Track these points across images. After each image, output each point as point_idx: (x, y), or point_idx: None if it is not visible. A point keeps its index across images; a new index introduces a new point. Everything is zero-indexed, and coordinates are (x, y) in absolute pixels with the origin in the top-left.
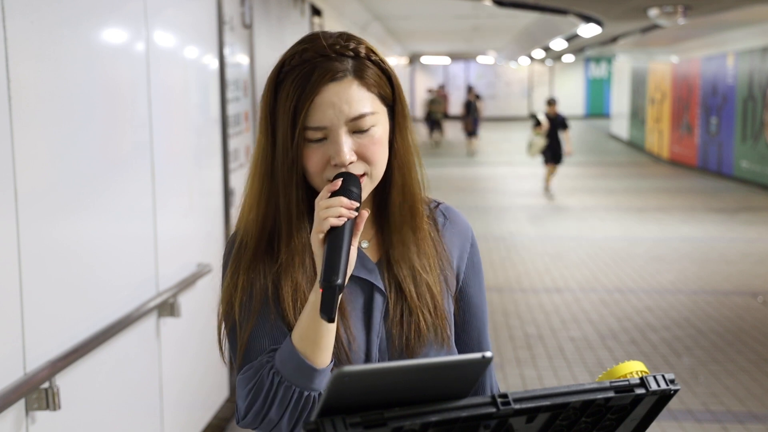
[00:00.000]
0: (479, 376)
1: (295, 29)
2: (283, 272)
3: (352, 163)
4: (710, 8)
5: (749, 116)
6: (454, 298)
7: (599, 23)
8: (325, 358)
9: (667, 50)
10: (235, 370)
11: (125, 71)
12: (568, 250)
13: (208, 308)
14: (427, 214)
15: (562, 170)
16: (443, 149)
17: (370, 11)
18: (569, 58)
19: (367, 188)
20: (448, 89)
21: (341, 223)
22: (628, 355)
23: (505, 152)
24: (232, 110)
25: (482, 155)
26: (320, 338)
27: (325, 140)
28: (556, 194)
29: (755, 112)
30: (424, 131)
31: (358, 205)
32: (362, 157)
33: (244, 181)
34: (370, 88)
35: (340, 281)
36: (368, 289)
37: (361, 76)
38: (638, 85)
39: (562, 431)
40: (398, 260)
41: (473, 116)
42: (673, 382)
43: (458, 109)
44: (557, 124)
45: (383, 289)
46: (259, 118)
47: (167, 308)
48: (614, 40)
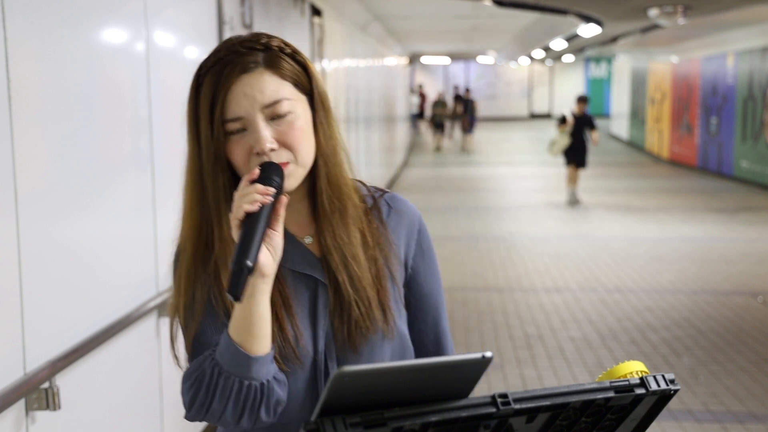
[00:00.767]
0: (479, 376)
1: (295, 29)
2: (220, 269)
3: (273, 150)
4: (710, 8)
5: (749, 116)
6: (403, 286)
7: (599, 23)
8: (260, 346)
9: (667, 50)
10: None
11: (125, 71)
12: (568, 250)
13: None
14: (370, 204)
15: (562, 171)
16: (442, 150)
17: (370, 11)
18: (569, 58)
19: (295, 175)
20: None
21: (255, 208)
22: (628, 355)
23: (505, 152)
24: None
25: (482, 155)
26: (252, 327)
27: (245, 131)
28: (581, 199)
29: (755, 112)
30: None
31: (274, 190)
32: (284, 143)
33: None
34: (283, 76)
35: (249, 263)
36: (312, 284)
37: (272, 65)
38: (638, 85)
39: (562, 431)
40: (330, 250)
41: (470, 114)
42: (673, 382)
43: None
44: (583, 123)
45: (326, 282)
46: (186, 126)
47: (167, 308)
48: (614, 40)
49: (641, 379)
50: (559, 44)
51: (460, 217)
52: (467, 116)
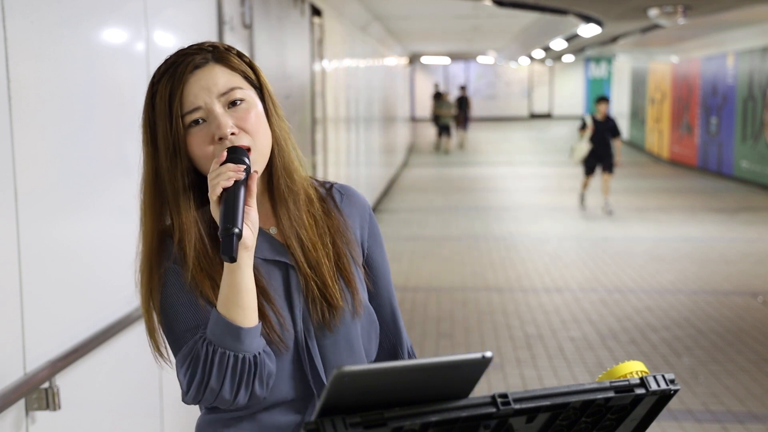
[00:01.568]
0: (479, 376)
1: (295, 29)
2: (186, 257)
3: (234, 134)
4: (710, 8)
5: (749, 116)
6: (361, 266)
7: (599, 23)
8: (250, 318)
9: (667, 50)
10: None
11: (125, 71)
12: (568, 250)
13: None
14: (323, 194)
15: (562, 170)
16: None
17: (370, 11)
18: (569, 58)
19: (256, 162)
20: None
21: (230, 184)
22: (628, 355)
23: (505, 152)
24: None
25: (482, 155)
26: (240, 299)
27: (204, 122)
28: (608, 206)
29: (755, 112)
30: (433, 133)
31: (245, 167)
32: (243, 128)
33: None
34: (233, 69)
35: (237, 229)
36: (283, 269)
37: (221, 60)
38: (638, 85)
39: (562, 431)
40: (288, 233)
41: (465, 112)
42: (673, 382)
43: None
44: (605, 129)
45: (295, 266)
46: (142, 137)
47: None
48: (614, 40)
49: (641, 379)
50: (559, 44)
51: (460, 217)
52: (462, 113)
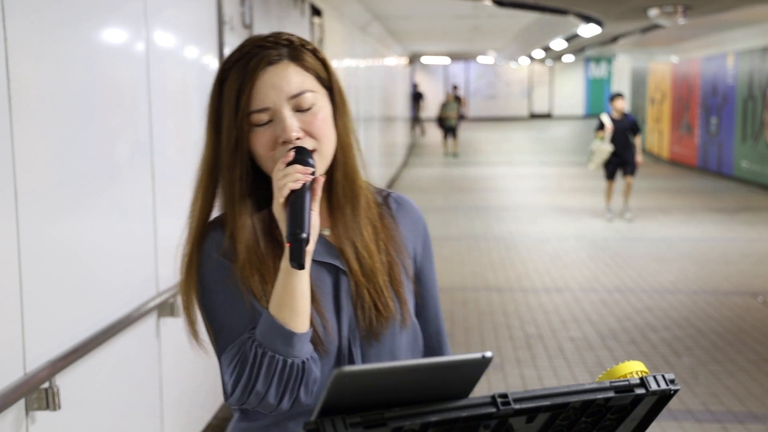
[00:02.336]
0: (479, 376)
1: (295, 29)
2: (239, 254)
3: (299, 139)
4: (710, 8)
5: (749, 116)
6: (412, 279)
7: (599, 23)
8: (302, 323)
9: (667, 50)
10: (215, 353)
11: (125, 71)
12: (568, 250)
13: None
14: (380, 201)
15: (562, 170)
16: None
17: (370, 11)
18: (569, 58)
19: (319, 166)
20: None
21: (299, 186)
22: (628, 355)
23: (505, 152)
24: None
25: (482, 155)
26: (296, 303)
27: (271, 122)
28: (628, 213)
29: (755, 112)
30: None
31: (313, 169)
32: (309, 133)
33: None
34: (306, 69)
35: (305, 234)
36: (334, 273)
37: (296, 58)
38: (638, 85)
39: (562, 431)
40: (342, 240)
41: (444, 107)
42: (673, 382)
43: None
44: (624, 127)
45: (346, 271)
46: (206, 120)
47: (167, 308)
48: (614, 40)
49: (641, 379)
50: (559, 44)
51: (460, 217)
52: (442, 108)
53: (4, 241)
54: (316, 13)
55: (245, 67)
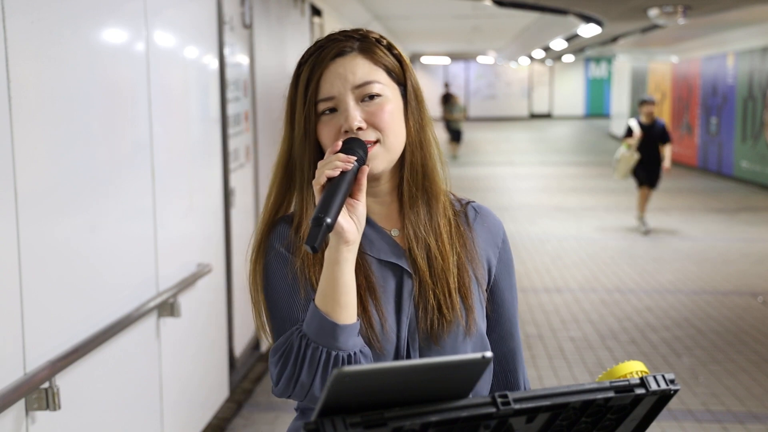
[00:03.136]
0: (479, 376)
1: (295, 29)
2: (300, 242)
3: (361, 129)
4: (710, 8)
5: (749, 116)
6: (486, 291)
7: (599, 23)
8: (347, 315)
9: (667, 50)
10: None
11: (125, 71)
12: (568, 250)
13: (208, 308)
14: (458, 208)
15: (562, 170)
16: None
17: (370, 11)
18: (569, 58)
19: (381, 158)
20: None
21: (336, 173)
22: (628, 355)
23: (505, 152)
24: (232, 110)
25: (482, 155)
26: (338, 295)
27: (336, 111)
28: (648, 226)
29: (755, 112)
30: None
31: (355, 158)
32: (372, 124)
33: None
34: (376, 62)
35: (329, 220)
36: (398, 273)
37: (366, 51)
38: (638, 85)
39: (562, 431)
40: (412, 238)
41: (450, 109)
42: (673, 382)
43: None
44: (654, 134)
45: (411, 272)
46: (284, 114)
47: (167, 308)
48: (614, 40)
49: (641, 379)
50: (559, 44)
51: None
52: (447, 110)
53: (4, 241)
54: (316, 13)
55: (317, 58)
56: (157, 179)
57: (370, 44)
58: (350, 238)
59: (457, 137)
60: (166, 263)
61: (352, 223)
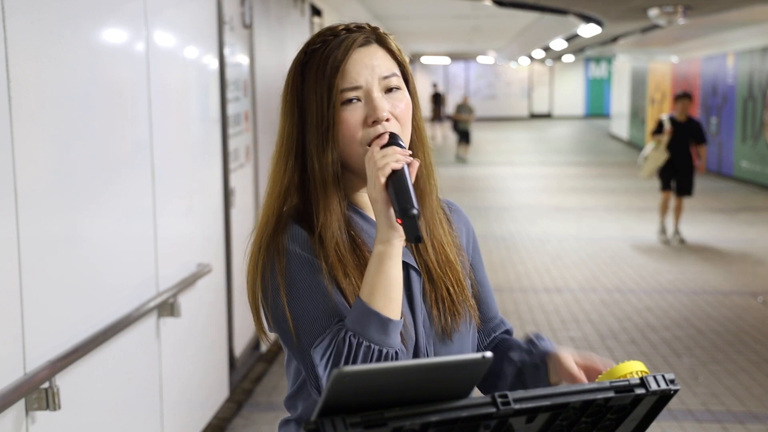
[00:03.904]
0: (479, 376)
1: (295, 29)
2: (325, 239)
3: (388, 120)
4: (710, 8)
5: (749, 116)
6: (471, 279)
7: (599, 23)
8: (396, 310)
9: (667, 50)
10: (293, 347)
11: (125, 71)
12: (568, 250)
13: (208, 308)
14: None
15: (562, 170)
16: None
17: (370, 11)
18: (569, 58)
19: None
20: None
21: (401, 166)
22: (628, 355)
23: (504, 152)
24: (232, 110)
25: (482, 155)
26: (390, 289)
27: (358, 101)
28: (683, 236)
29: (755, 112)
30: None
31: (411, 152)
32: (395, 116)
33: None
34: (392, 54)
35: (415, 210)
36: (405, 270)
37: (383, 44)
38: (638, 85)
39: (562, 431)
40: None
41: (439, 109)
42: (673, 382)
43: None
44: (688, 132)
45: (417, 268)
46: (281, 105)
47: (167, 308)
48: (614, 40)
49: (641, 379)
50: (559, 44)
51: None
52: (437, 110)
53: (4, 241)
54: (316, 13)
55: (336, 47)
56: (157, 179)
57: (383, 37)
58: (403, 233)
59: (465, 138)
60: (166, 263)
61: None
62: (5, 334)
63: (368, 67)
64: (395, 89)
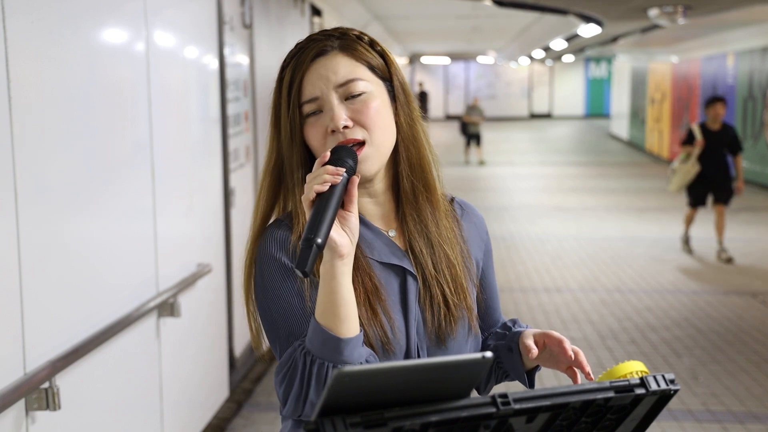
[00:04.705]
0: (479, 376)
1: (295, 29)
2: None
3: (347, 127)
4: (710, 8)
5: (749, 116)
6: (476, 285)
7: (599, 23)
8: (347, 328)
9: (667, 50)
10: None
11: (125, 71)
12: (568, 250)
13: (208, 308)
14: (447, 202)
15: (562, 170)
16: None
17: (370, 11)
18: (569, 58)
19: (372, 159)
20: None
21: (325, 188)
22: (628, 355)
23: (504, 152)
24: (232, 110)
25: (482, 155)
26: (338, 309)
27: (321, 113)
28: (723, 252)
29: (755, 112)
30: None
31: (344, 170)
32: (358, 122)
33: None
34: (357, 59)
35: (320, 240)
36: (401, 274)
37: (346, 49)
38: (638, 85)
39: (562, 431)
40: (414, 236)
41: (425, 106)
42: (673, 382)
43: (458, 108)
44: (721, 143)
45: (414, 272)
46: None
47: (167, 308)
48: (614, 40)
49: (641, 379)
50: (559, 44)
51: None
52: (423, 107)
53: (4, 241)
54: (316, 13)
55: (297, 60)
56: (157, 179)
57: (350, 41)
58: (344, 251)
59: (477, 141)
60: (166, 263)
61: (345, 236)
62: (5, 334)
63: (323, 77)
64: (361, 94)
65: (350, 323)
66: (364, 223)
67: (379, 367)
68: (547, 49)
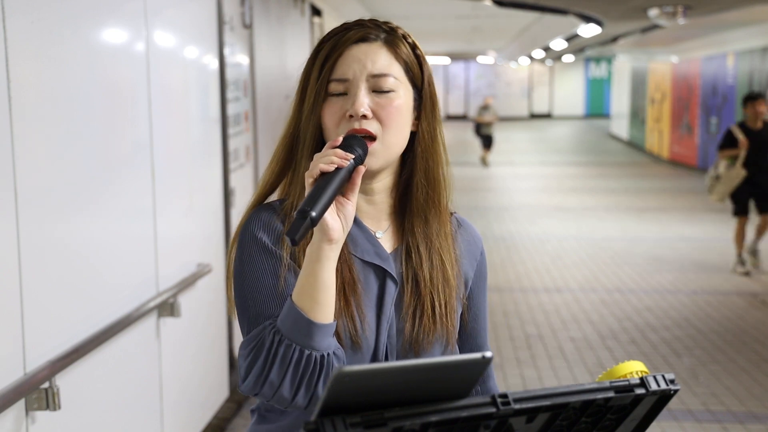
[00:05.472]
0: (479, 376)
1: (295, 29)
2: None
3: (365, 117)
4: (710, 8)
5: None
6: (462, 302)
7: (599, 23)
8: (322, 314)
9: (667, 50)
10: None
11: (125, 71)
12: (568, 250)
13: (208, 308)
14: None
15: (562, 170)
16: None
17: (370, 11)
18: (569, 58)
19: (378, 155)
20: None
21: (331, 168)
22: (628, 355)
23: (504, 152)
24: (232, 110)
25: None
26: (317, 293)
27: (345, 95)
28: (753, 258)
29: None
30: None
31: (353, 156)
32: (377, 116)
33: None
34: (397, 57)
35: (315, 214)
36: (381, 276)
37: (390, 43)
38: (638, 85)
39: (562, 431)
40: (417, 246)
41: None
42: (673, 382)
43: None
44: (764, 143)
45: (396, 277)
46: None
47: (167, 308)
48: (614, 40)
49: (641, 379)
50: (559, 44)
51: None
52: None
53: (4, 241)
54: (316, 13)
55: (341, 38)
56: (157, 179)
57: (396, 38)
58: (334, 236)
59: (488, 143)
60: (166, 263)
61: (338, 221)
62: (5, 334)
63: (360, 61)
64: (389, 91)
65: (325, 309)
66: (354, 220)
67: (379, 367)
68: (547, 49)
